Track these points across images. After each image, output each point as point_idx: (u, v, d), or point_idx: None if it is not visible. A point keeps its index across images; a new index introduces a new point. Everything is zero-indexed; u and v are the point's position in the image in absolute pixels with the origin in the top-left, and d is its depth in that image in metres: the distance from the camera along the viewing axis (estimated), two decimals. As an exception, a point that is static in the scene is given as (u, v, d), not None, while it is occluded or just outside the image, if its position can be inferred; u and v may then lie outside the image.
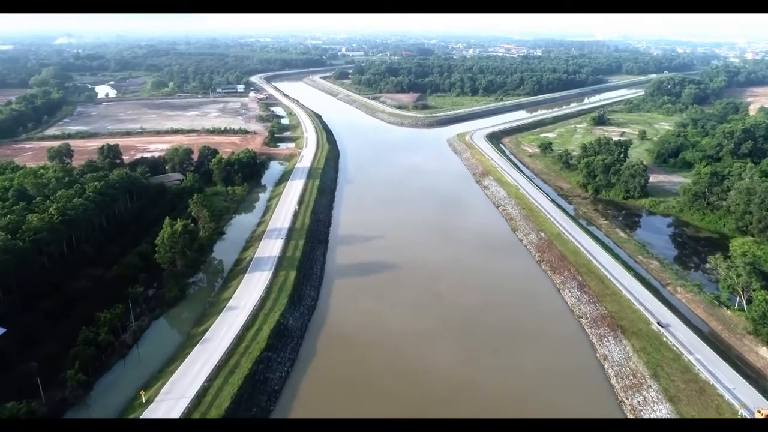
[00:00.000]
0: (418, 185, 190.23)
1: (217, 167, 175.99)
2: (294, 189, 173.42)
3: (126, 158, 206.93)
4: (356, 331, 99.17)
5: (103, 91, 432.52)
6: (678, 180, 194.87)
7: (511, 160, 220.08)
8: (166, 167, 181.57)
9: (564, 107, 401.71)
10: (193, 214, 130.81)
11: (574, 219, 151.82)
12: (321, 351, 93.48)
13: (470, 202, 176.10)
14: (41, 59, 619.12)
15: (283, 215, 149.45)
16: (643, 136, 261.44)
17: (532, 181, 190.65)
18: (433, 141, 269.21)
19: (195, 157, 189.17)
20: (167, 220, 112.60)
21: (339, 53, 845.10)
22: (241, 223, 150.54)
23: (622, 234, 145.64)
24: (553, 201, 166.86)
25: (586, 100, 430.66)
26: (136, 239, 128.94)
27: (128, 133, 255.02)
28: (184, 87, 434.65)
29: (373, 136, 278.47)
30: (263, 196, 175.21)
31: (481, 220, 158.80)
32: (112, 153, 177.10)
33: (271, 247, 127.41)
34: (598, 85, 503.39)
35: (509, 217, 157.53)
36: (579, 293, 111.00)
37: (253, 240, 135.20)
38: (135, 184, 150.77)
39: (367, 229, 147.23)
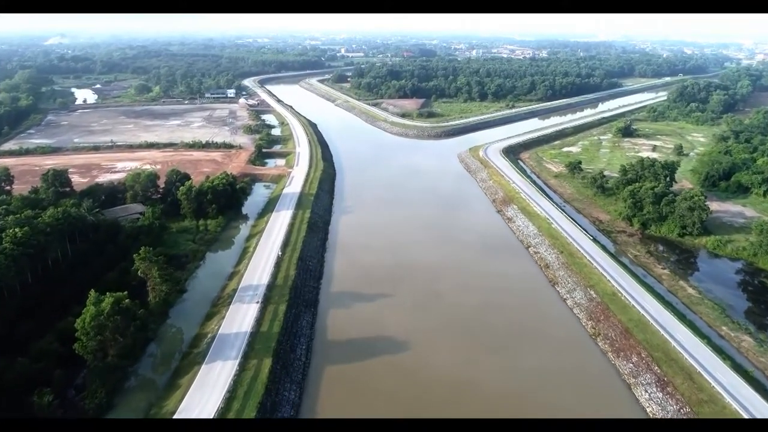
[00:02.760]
0: (427, 216, 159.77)
1: (185, 197, 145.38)
2: (279, 224, 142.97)
3: (85, 181, 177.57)
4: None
5: (84, 95, 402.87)
6: (736, 209, 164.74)
7: (534, 182, 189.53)
8: (127, 195, 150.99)
9: (578, 113, 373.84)
10: (139, 273, 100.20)
11: (629, 269, 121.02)
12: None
13: (493, 240, 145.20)
14: (24, 61, 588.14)
15: (262, 264, 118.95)
16: (679, 151, 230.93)
17: (563, 210, 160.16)
18: (442, 156, 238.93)
19: (162, 182, 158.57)
20: (91, 295, 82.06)
21: (338, 54, 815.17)
22: (210, 275, 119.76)
23: (690, 290, 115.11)
24: (594, 240, 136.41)
25: (600, 106, 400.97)
26: (67, 305, 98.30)
27: (96, 148, 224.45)
28: (170, 92, 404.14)
29: (374, 151, 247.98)
30: (242, 233, 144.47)
31: (509, 267, 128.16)
32: (58, 180, 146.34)
33: (241, 317, 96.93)
34: (613, 90, 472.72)
35: (544, 264, 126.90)
36: (660, 395, 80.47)
37: (221, 303, 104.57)
38: (77, 225, 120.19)
39: (369, 282, 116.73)
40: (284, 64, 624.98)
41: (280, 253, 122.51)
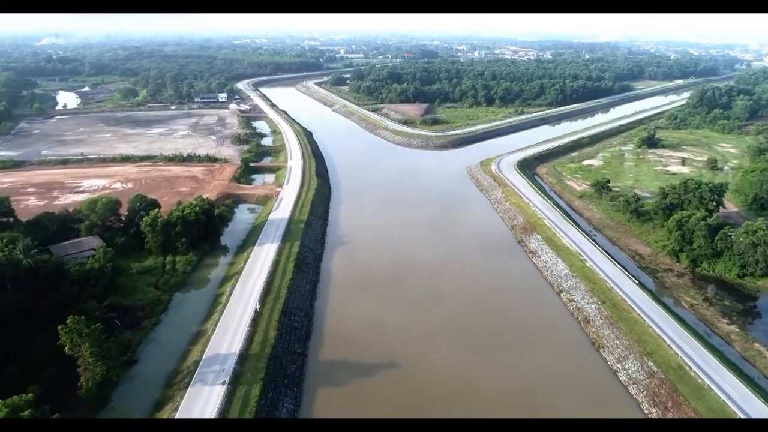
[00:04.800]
0: (436, 248, 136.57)
1: (150, 230, 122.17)
2: (261, 262, 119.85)
3: (42, 204, 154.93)
4: None
5: (66, 100, 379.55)
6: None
7: (557, 204, 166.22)
8: (81, 227, 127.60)
9: (589, 118, 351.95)
10: (67, 350, 76.73)
11: (690, 327, 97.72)
12: None
13: (517, 281, 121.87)
14: (11, 62, 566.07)
15: (236, 321, 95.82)
16: (713, 165, 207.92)
17: (595, 241, 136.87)
18: (449, 170, 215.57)
19: (125, 209, 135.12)
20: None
21: (337, 55, 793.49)
22: (171, 336, 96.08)
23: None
24: (640, 284, 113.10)
25: (612, 111, 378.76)
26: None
27: (64, 162, 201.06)
28: (157, 96, 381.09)
29: (373, 164, 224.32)
30: (216, 274, 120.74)
31: (541, 321, 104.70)
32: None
33: (200, 408, 73.57)
34: (625, 93, 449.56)
35: (583, 318, 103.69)
36: None
37: (177, 384, 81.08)
38: (8, 272, 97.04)
39: (367, 346, 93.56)
40: (281, 65, 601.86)
41: (258, 307, 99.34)
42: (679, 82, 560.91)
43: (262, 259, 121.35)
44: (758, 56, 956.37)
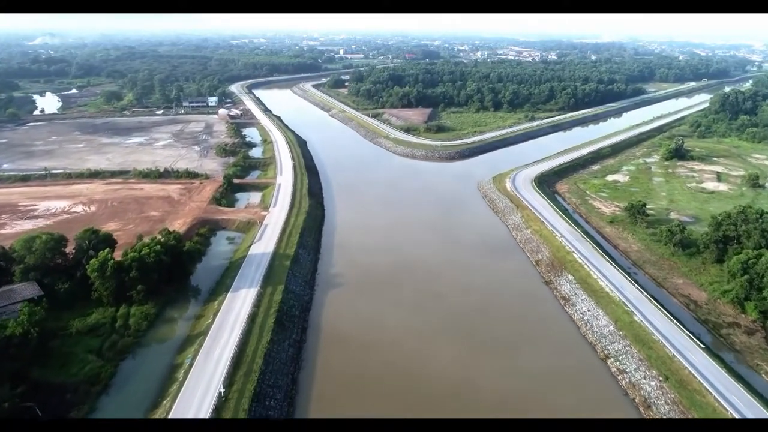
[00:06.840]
0: (449, 295, 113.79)
1: (99, 276, 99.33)
2: (234, 316, 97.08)
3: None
4: None
5: (46, 104, 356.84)
6: None
7: (586, 232, 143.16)
8: (15, 270, 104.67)
9: (601, 123, 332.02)
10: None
11: (787, 420, 75.34)
12: None
13: (551, 340, 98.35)
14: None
15: (191, 412, 72.97)
16: (754, 182, 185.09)
17: (638, 284, 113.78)
18: (458, 186, 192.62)
19: (73, 246, 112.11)
20: None
21: (336, 56, 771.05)
22: None
23: None
24: (709, 351, 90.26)
25: (624, 116, 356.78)
26: None
27: (24, 179, 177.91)
28: (144, 99, 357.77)
29: (372, 178, 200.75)
30: (178, 332, 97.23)
31: (584, 399, 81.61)
32: None
33: None
34: (639, 97, 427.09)
35: (642, 400, 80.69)
36: None
37: None
38: None
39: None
40: (277, 66, 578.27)
41: (222, 390, 76.50)
42: (692, 84, 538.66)
43: (235, 311, 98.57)
44: (766, 57, 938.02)
